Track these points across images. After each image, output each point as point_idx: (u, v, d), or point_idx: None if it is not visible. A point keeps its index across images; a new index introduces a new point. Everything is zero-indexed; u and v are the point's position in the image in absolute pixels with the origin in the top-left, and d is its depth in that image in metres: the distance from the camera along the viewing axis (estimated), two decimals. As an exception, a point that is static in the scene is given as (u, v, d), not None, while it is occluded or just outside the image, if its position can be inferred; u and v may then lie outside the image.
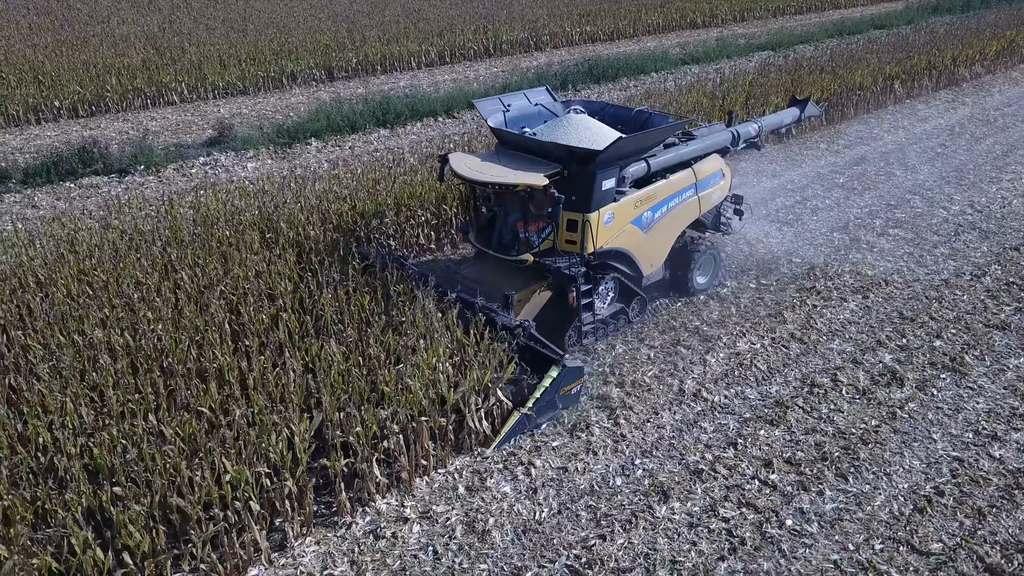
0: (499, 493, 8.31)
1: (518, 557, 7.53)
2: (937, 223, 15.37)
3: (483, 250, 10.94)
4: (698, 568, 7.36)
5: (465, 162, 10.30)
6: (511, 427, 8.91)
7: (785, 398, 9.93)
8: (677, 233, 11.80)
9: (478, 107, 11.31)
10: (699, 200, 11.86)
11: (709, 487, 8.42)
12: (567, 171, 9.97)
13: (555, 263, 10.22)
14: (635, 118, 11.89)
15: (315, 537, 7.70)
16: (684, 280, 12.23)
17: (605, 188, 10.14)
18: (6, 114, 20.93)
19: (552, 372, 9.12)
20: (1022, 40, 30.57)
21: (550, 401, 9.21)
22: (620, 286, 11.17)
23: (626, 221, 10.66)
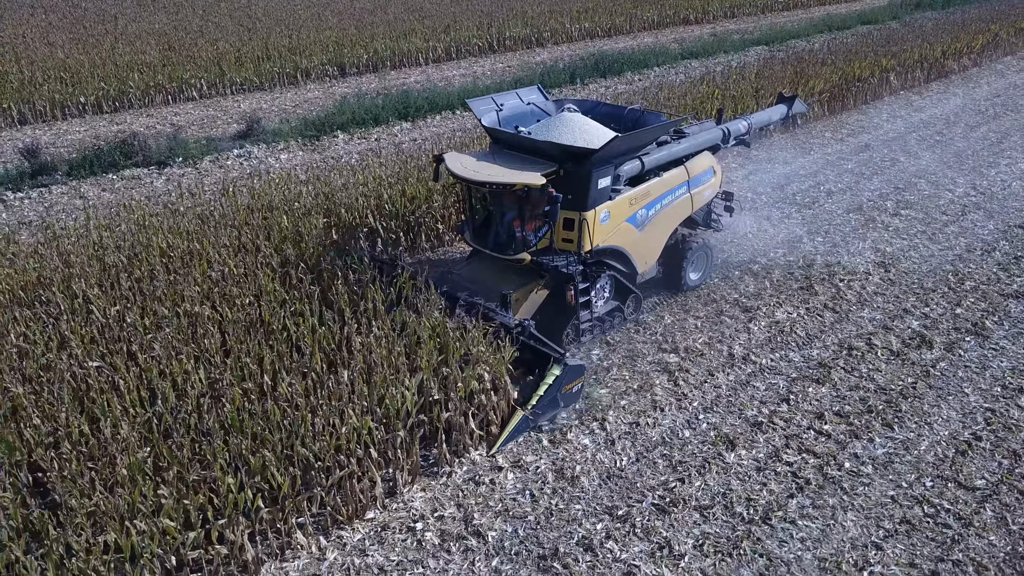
0: (579, 445, 9.08)
1: (607, 498, 8.30)
2: (944, 204, 16.34)
3: (479, 249, 10.88)
4: (771, 504, 8.17)
5: (461, 162, 10.18)
6: (514, 427, 8.95)
7: (826, 360, 10.79)
8: (671, 230, 11.87)
9: (471, 107, 11.18)
10: (692, 197, 11.94)
11: (769, 437, 9.24)
12: (563, 170, 9.97)
13: (552, 262, 10.16)
14: (628, 116, 11.86)
15: (420, 485, 8.41)
16: (677, 277, 12.28)
17: (601, 186, 10.15)
18: (34, 110, 21.30)
19: (554, 371, 9.14)
20: (1005, 34, 31.81)
21: (552, 400, 9.18)
22: (616, 284, 11.21)
23: (621, 219, 10.70)
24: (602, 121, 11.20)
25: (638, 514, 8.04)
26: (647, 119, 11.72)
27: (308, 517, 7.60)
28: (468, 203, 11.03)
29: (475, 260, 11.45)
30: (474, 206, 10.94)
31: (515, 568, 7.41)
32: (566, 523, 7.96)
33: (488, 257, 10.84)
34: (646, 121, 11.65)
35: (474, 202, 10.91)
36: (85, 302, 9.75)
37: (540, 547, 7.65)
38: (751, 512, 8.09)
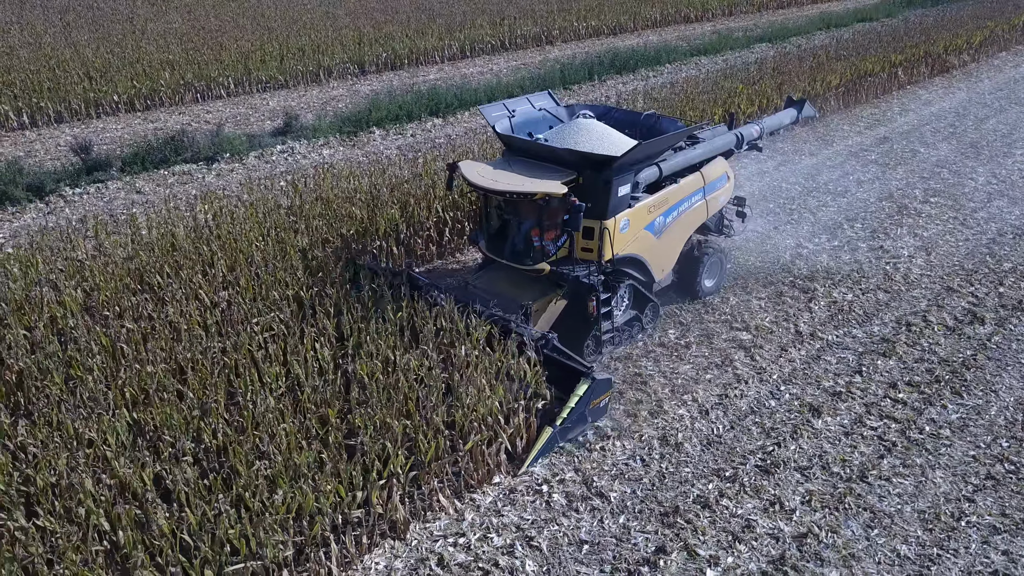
0: (676, 415, 9.67)
1: (712, 461, 8.90)
2: (969, 192, 17.14)
3: (495, 259, 10.65)
4: (864, 464, 8.82)
5: (477, 170, 10.00)
6: (542, 445, 8.71)
7: (888, 336, 11.47)
8: (686, 237, 11.73)
9: (483, 113, 11.03)
10: (707, 203, 11.79)
11: (850, 405, 9.90)
12: (582, 177, 9.81)
13: (573, 272, 9.99)
14: (644, 122, 11.67)
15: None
16: (692, 284, 12.12)
17: (621, 194, 9.97)
18: (70, 108, 21.53)
19: (581, 386, 8.84)
20: (1001, 31, 32.88)
21: (580, 415, 8.98)
22: (634, 293, 11.02)
23: (640, 227, 10.51)
24: (616, 126, 11.02)
25: (744, 475, 8.64)
26: (663, 125, 11.60)
27: (446, 481, 8.13)
28: (483, 212, 10.82)
29: (490, 270, 11.16)
30: (489, 215, 10.69)
31: (641, 524, 7.99)
32: (679, 484, 8.55)
33: (503, 267, 10.60)
34: (662, 127, 11.53)
35: (489, 211, 10.66)
36: (194, 288, 10.18)
37: (660, 505, 8.23)
38: (847, 471, 8.73)
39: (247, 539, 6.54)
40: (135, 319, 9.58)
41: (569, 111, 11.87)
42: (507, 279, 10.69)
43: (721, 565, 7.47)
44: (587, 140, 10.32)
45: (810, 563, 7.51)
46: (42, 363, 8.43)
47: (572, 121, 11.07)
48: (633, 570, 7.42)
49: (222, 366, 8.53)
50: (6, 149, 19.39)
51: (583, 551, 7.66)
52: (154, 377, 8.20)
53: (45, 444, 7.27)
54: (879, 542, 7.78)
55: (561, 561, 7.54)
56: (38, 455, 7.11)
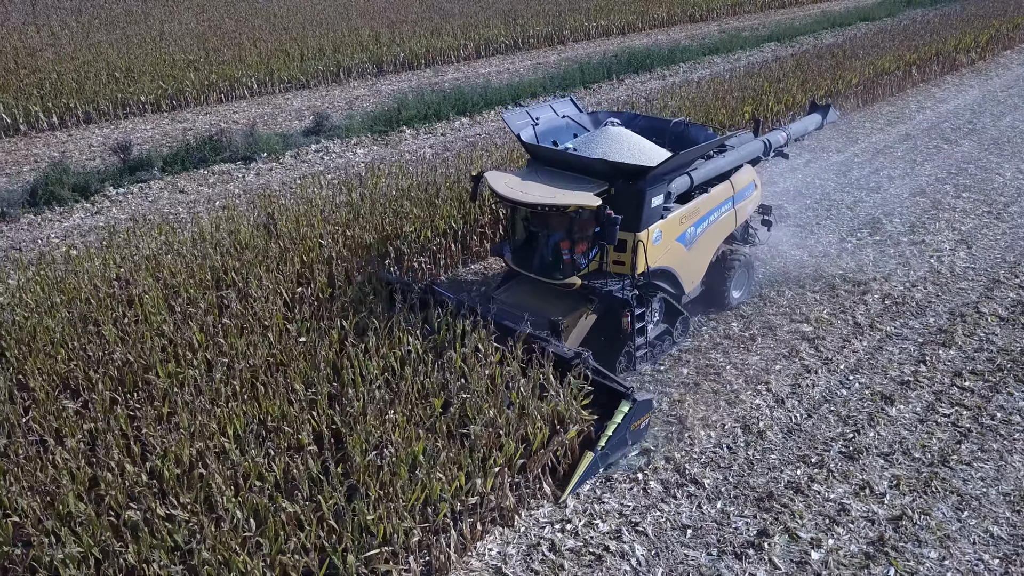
0: (753, 405, 9.91)
1: (795, 448, 9.14)
2: (999, 187, 17.49)
3: (521, 273, 10.35)
4: (944, 449, 9.09)
5: (505, 181, 9.69)
6: (584, 470, 8.32)
7: (944, 326, 11.76)
8: (715, 248, 11.45)
9: (506, 121, 10.73)
10: (735, 213, 11.55)
11: (919, 393, 10.17)
12: (613, 188, 9.57)
13: (606, 286, 9.74)
14: (673, 130, 11.48)
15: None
16: (721, 295, 11.78)
17: (654, 205, 9.72)
18: (98, 109, 21.55)
19: (623, 408, 8.46)
20: (1006, 29, 33.40)
21: (621, 438, 8.61)
22: (666, 306, 10.70)
23: (672, 238, 10.23)
24: (641, 134, 10.80)
25: (830, 460, 8.89)
26: (692, 133, 11.42)
27: (547, 470, 8.32)
28: (510, 224, 10.51)
29: (515, 284, 10.81)
30: (516, 227, 10.36)
31: (739, 509, 8.21)
32: (768, 470, 8.79)
33: (528, 280, 10.29)
34: (692, 135, 11.31)
35: (516, 223, 10.33)
36: (274, 284, 10.32)
37: (753, 491, 8.46)
38: (928, 457, 8.99)
39: (381, 526, 6.70)
40: (219, 314, 9.71)
41: (593, 118, 11.65)
42: (534, 293, 10.35)
43: (824, 547, 7.71)
44: (617, 149, 10.10)
45: (908, 544, 7.76)
46: (145, 357, 8.54)
47: (600, 129, 10.84)
48: (739, 552, 7.64)
49: (319, 359, 8.66)
50: (40, 150, 19.42)
51: (687, 535, 7.88)
52: (260, 370, 8.34)
53: (166, 435, 7.40)
54: (971, 524, 8.04)
55: (668, 545, 7.75)
56: (165, 446, 7.23)
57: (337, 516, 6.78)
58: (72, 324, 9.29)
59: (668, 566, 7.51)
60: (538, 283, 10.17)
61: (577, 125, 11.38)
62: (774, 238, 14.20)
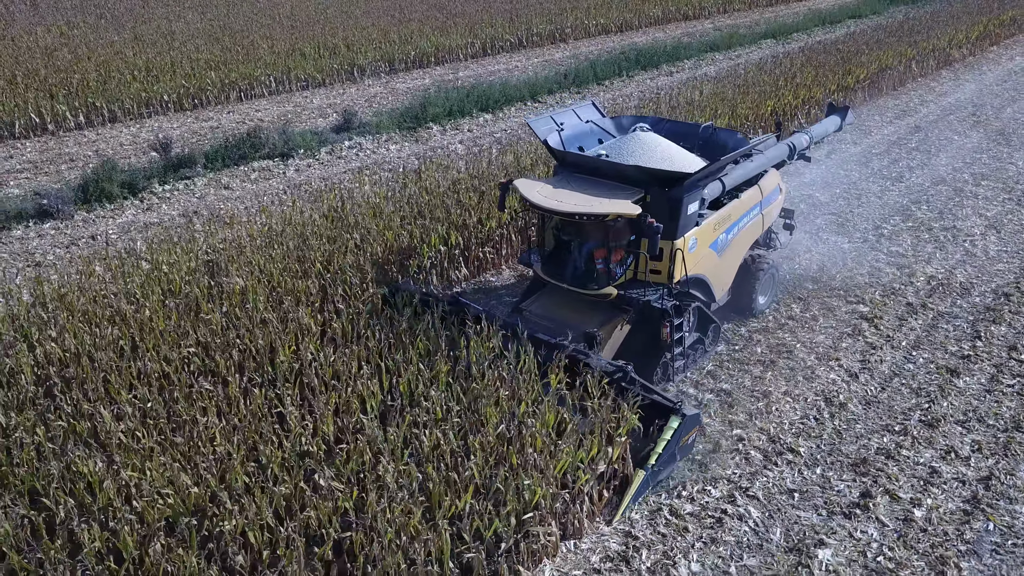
0: (828, 379, 10.45)
1: (877, 418, 9.70)
2: (1014, 175, 18.29)
3: (550, 283, 10.04)
4: (1016, 416, 9.70)
5: (537, 190, 9.38)
6: (636, 490, 8.07)
7: (991, 304, 12.41)
8: (744, 253, 11.30)
9: (532, 127, 10.51)
10: (763, 218, 11.49)
11: (981, 366, 10.78)
12: (648, 195, 9.38)
13: (644, 295, 9.46)
14: (701, 134, 11.31)
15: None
16: (748, 302, 11.66)
17: (690, 212, 9.55)
18: (123, 108, 21.59)
19: (673, 423, 8.27)
20: (993, 26, 34.54)
21: (671, 455, 8.38)
22: (700, 315, 10.39)
23: (706, 245, 10.06)
24: (668, 138, 10.66)
25: (913, 429, 9.45)
26: (720, 137, 11.27)
27: (657, 440, 8.76)
28: (539, 233, 10.29)
29: (544, 294, 10.44)
30: (546, 236, 10.14)
31: (838, 473, 8.74)
32: (856, 438, 9.33)
33: (559, 291, 9.98)
34: (720, 139, 11.18)
35: (547, 232, 10.11)
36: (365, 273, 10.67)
37: (847, 457, 8.99)
38: (1002, 423, 9.59)
39: (537, 490, 7.10)
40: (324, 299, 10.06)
41: (616, 123, 11.50)
42: (566, 304, 9.99)
43: (924, 505, 8.25)
44: (650, 155, 9.96)
45: (1000, 501, 8.33)
46: (268, 340, 8.86)
47: (631, 135, 10.67)
48: (847, 512, 8.15)
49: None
50: (72, 149, 19.46)
51: (795, 498, 8.38)
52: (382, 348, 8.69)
53: (306, 413, 7.74)
54: (1053, 481, 8.65)
55: (779, 507, 8.24)
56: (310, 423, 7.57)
57: (484, 484, 7.15)
58: (183, 311, 9.54)
59: (784, 526, 8.01)
60: (569, 293, 9.82)
61: (601, 130, 11.23)
62: (814, 225, 14.81)
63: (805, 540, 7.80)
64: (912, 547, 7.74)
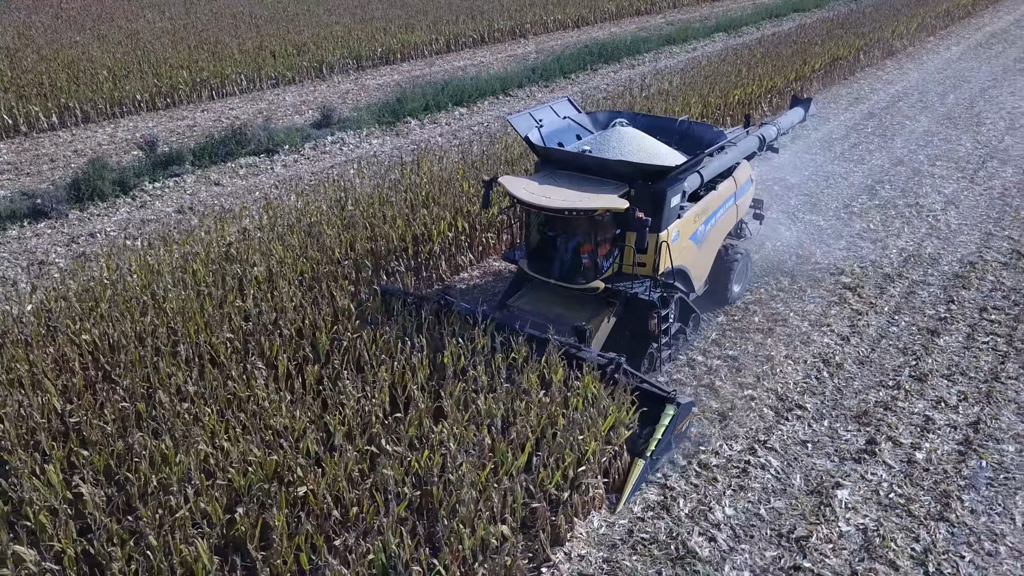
0: (823, 343, 11.28)
1: (871, 376, 10.56)
2: (964, 156, 19.56)
3: (536, 278, 10.11)
4: (993, 369, 10.66)
5: (524, 187, 9.40)
6: (636, 479, 8.24)
7: (959, 272, 13.43)
8: (719, 244, 11.52)
9: (513, 124, 10.58)
10: (737, 208, 11.76)
11: (957, 327, 11.76)
12: (633, 189, 9.48)
13: (631, 288, 9.62)
14: (678, 128, 11.58)
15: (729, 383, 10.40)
16: (723, 291, 11.92)
17: (673, 205, 9.71)
18: (96, 108, 21.43)
19: (669, 412, 8.44)
20: (930, 18, 36.36)
21: (667, 443, 8.58)
22: (681, 305, 10.60)
23: (686, 237, 10.24)
24: (645, 132, 10.87)
25: (904, 383, 10.33)
26: (696, 130, 11.58)
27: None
28: (525, 229, 10.32)
29: (531, 290, 10.57)
30: (532, 232, 10.15)
31: (843, 425, 9.54)
32: (855, 393, 10.16)
33: (545, 286, 10.11)
34: (696, 132, 11.45)
35: (532, 228, 10.11)
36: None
37: (849, 410, 9.81)
38: (982, 375, 10.54)
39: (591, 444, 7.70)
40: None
41: (592, 118, 11.69)
42: (554, 299, 10.14)
43: (924, 449, 9.10)
44: (631, 150, 10.15)
45: (989, 442, 9.24)
46: (312, 321, 9.25)
47: (611, 130, 10.84)
48: (857, 458, 8.95)
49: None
50: (49, 150, 19.33)
51: (808, 448, 9.15)
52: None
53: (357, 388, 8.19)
54: (1033, 424, 9.62)
55: (796, 456, 9.00)
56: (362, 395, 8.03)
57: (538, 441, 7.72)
58: (218, 299, 9.86)
59: (802, 472, 8.76)
60: (555, 288, 9.94)
61: (579, 126, 11.36)
62: (789, 206, 15.72)
63: (823, 483, 8.56)
64: (918, 484, 8.57)
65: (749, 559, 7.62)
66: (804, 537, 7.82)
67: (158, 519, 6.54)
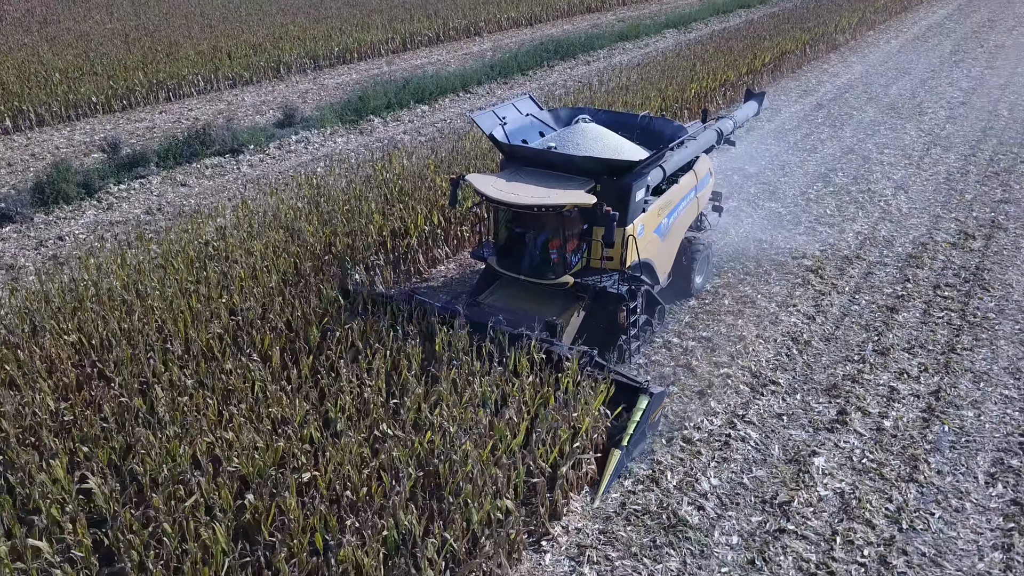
0: (791, 323, 11.81)
1: (837, 351, 11.12)
2: (910, 143, 20.45)
3: (505, 275, 10.17)
4: (949, 342, 11.32)
5: (492, 184, 9.45)
6: (613, 469, 8.34)
7: (912, 252, 14.13)
8: (682, 236, 11.67)
9: (477, 122, 10.62)
10: (698, 201, 11.93)
11: (914, 303, 12.41)
12: (599, 185, 9.58)
13: (600, 282, 9.72)
14: (639, 123, 11.69)
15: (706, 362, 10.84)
16: (687, 283, 12.08)
17: (638, 199, 9.82)
18: (51, 111, 21.03)
19: (642, 403, 8.60)
20: (869, 13, 37.64)
21: (642, 433, 8.71)
22: (648, 298, 10.69)
23: (651, 230, 10.37)
24: (607, 128, 10.98)
25: (869, 357, 10.91)
26: (657, 125, 11.71)
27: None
28: (493, 226, 10.37)
29: (501, 286, 10.62)
30: (500, 229, 10.18)
31: (815, 397, 10.07)
32: (824, 368, 10.70)
33: (513, 282, 10.18)
34: (657, 127, 11.58)
35: (501, 225, 10.15)
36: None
37: (820, 384, 10.34)
38: (939, 348, 11.18)
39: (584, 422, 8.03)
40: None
41: (554, 115, 11.82)
42: (524, 295, 10.21)
43: (890, 417, 9.66)
44: (596, 146, 10.27)
45: (950, 408, 9.85)
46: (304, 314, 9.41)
47: (574, 127, 10.91)
48: (830, 427, 9.46)
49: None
50: (4, 154, 18.93)
51: (784, 420, 9.64)
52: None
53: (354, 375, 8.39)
54: (988, 391, 10.24)
55: (773, 429, 9.47)
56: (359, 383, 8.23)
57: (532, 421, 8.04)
58: (201, 296, 9.94)
59: (780, 443, 9.24)
60: (524, 284, 10.02)
61: (541, 123, 11.46)
62: (749, 194, 16.30)
63: (800, 452, 9.05)
64: (887, 450, 9.11)
65: (736, 524, 8.04)
66: (786, 502, 8.28)
67: (170, 507, 6.66)
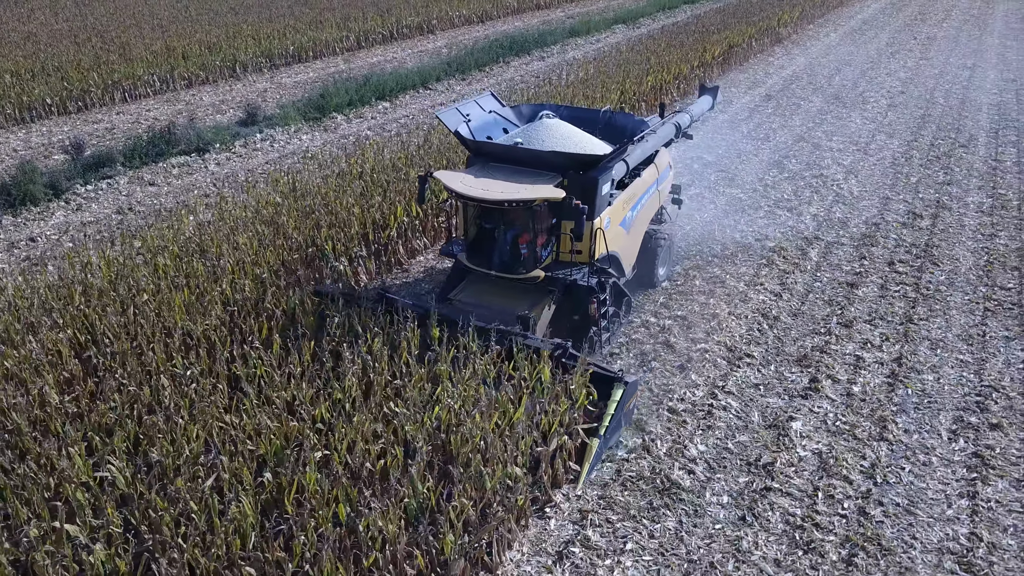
0: (759, 300, 12.44)
1: (804, 325, 11.78)
2: (856, 130, 21.43)
3: (475, 271, 10.23)
4: (906, 314, 12.08)
5: (461, 180, 9.53)
6: (592, 458, 8.50)
7: (866, 232, 14.94)
8: (645, 229, 11.87)
9: (442, 119, 10.68)
10: (659, 193, 12.11)
11: (872, 280, 13.17)
12: (566, 179, 9.72)
13: (570, 275, 9.88)
14: (601, 118, 11.91)
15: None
16: (650, 275, 12.27)
17: (604, 193, 9.98)
18: (4, 113, 20.63)
19: (616, 393, 8.76)
20: (809, 6, 39.00)
21: (618, 422, 8.86)
22: (615, 289, 10.85)
23: (616, 223, 10.51)
24: (570, 123, 11.18)
25: (835, 329, 11.59)
26: (619, 120, 11.95)
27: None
28: (462, 222, 10.44)
29: (472, 282, 10.70)
30: (469, 225, 10.28)
31: (788, 367, 10.69)
32: (794, 340, 11.35)
33: (483, 278, 10.27)
34: (619, 122, 11.83)
35: (470, 221, 10.26)
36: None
37: (791, 356, 10.97)
38: (898, 319, 11.93)
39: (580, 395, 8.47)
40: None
41: (516, 111, 11.94)
42: (495, 290, 10.33)
43: (858, 383, 10.33)
44: (560, 141, 10.47)
45: (912, 373, 10.58)
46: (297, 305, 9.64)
47: (539, 122, 11.08)
48: (804, 394, 10.08)
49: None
50: (-40, 157, 18.55)
51: (761, 390, 10.22)
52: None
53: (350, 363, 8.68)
54: (945, 356, 11.01)
55: (751, 398, 10.05)
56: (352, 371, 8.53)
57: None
58: (193, 289, 10.09)
59: (759, 411, 9.82)
60: (495, 280, 10.10)
61: (504, 120, 11.60)
62: (709, 181, 16.96)
63: (779, 418, 9.63)
64: (858, 413, 9.76)
65: (725, 485, 8.56)
66: (769, 463, 8.84)
67: (195, 486, 6.87)
